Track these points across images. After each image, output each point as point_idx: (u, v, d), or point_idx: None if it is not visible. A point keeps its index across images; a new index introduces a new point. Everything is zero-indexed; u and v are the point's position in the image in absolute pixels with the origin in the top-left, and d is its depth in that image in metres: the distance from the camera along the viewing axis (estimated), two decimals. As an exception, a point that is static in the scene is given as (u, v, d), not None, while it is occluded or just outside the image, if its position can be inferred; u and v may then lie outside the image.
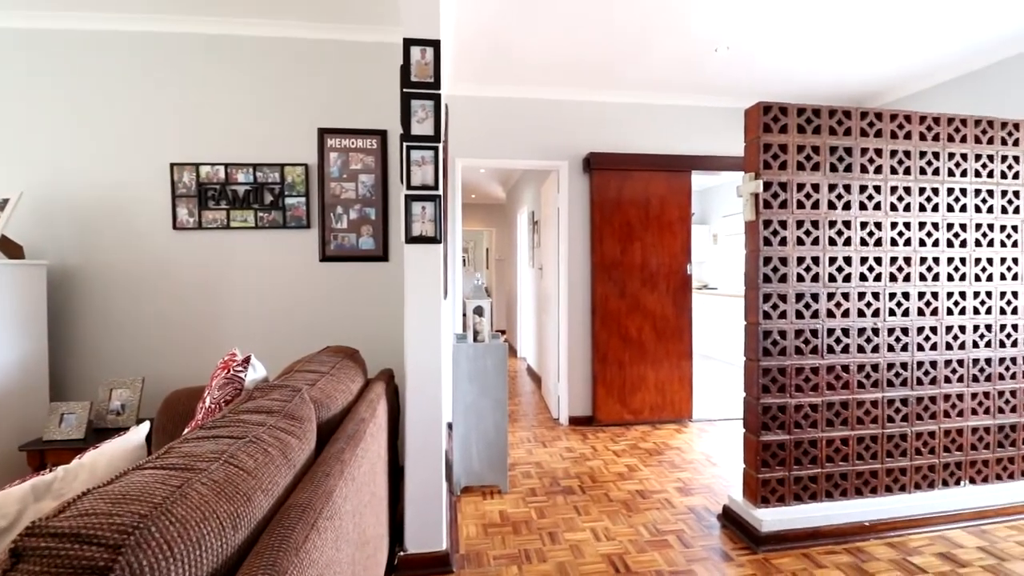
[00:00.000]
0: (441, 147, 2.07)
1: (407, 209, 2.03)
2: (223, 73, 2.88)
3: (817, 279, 2.36)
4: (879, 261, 2.42)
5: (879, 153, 2.40)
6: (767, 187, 2.30)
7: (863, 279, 2.41)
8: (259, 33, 2.89)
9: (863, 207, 2.40)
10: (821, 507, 2.35)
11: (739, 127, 4.29)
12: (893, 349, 2.44)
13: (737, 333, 6.18)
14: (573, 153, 4.10)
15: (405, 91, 2.02)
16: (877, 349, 2.42)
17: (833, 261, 2.38)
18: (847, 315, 2.40)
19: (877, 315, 2.42)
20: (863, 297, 2.41)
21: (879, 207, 2.42)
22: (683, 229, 4.15)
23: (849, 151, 2.37)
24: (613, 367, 4.06)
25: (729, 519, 2.46)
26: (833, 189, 2.37)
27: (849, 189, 2.38)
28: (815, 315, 2.37)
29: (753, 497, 2.35)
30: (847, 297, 2.39)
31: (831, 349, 2.38)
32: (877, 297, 2.42)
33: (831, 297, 2.38)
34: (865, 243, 2.41)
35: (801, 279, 2.35)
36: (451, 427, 2.92)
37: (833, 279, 2.38)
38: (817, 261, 2.36)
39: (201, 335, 2.88)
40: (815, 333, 2.36)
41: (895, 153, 2.42)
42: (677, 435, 3.86)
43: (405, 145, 2.02)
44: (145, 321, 2.84)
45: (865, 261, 2.41)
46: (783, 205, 2.32)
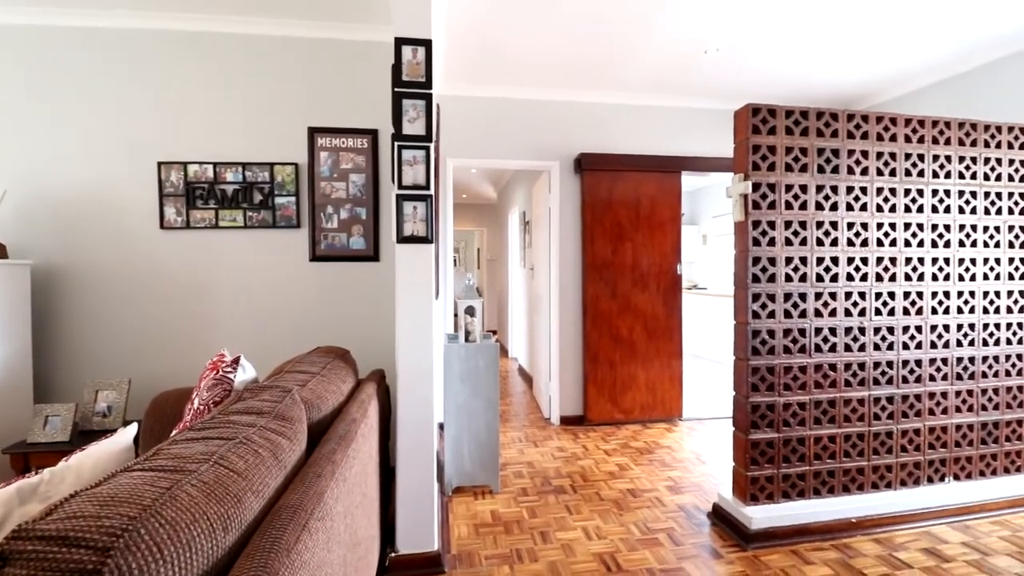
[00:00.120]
0: (432, 147, 2.07)
1: (398, 209, 2.02)
2: (211, 71, 2.85)
3: (805, 279, 2.39)
4: (865, 261, 2.46)
5: (865, 155, 2.44)
6: (756, 188, 2.33)
7: (850, 279, 2.44)
8: (248, 31, 2.87)
9: (850, 208, 2.43)
10: (809, 504, 2.38)
11: (728, 128, 4.33)
12: (879, 348, 2.48)
13: (726, 332, 6.22)
14: (564, 153, 4.11)
15: (396, 90, 2.01)
16: (863, 348, 2.46)
17: (820, 261, 2.41)
18: (834, 314, 2.43)
19: (863, 315, 2.46)
20: (850, 297, 2.44)
21: (865, 208, 2.45)
22: (673, 229, 4.18)
23: (836, 153, 2.41)
24: (604, 367, 4.08)
25: (719, 517, 2.48)
26: (820, 190, 2.40)
27: (836, 190, 2.41)
28: (803, 315, 2.39)
29: (742, 495, 2.37)
30: (834, 297, 2.43)
31: (818, 348, 2.41)
32: (863, 297, 2.46)
33: (818, 297, 2.41)
34: (852, 243, 2.44)
35: (789, 279, 2.38)
36: (442, 427, 2.92)
37: (820, 279, 2.41)
38: (805, 261, 2.39)
39: (189, 336, 2.85)
40: (803, 332, 2.39)
41: (881, 155, 2.46)
42: (667, 434, 3.89)
43: (396, 144, 2.01)
44: (132, 322, 2.81)
45: (852, 261, 2.44)
46: (772, 206, 2.35)
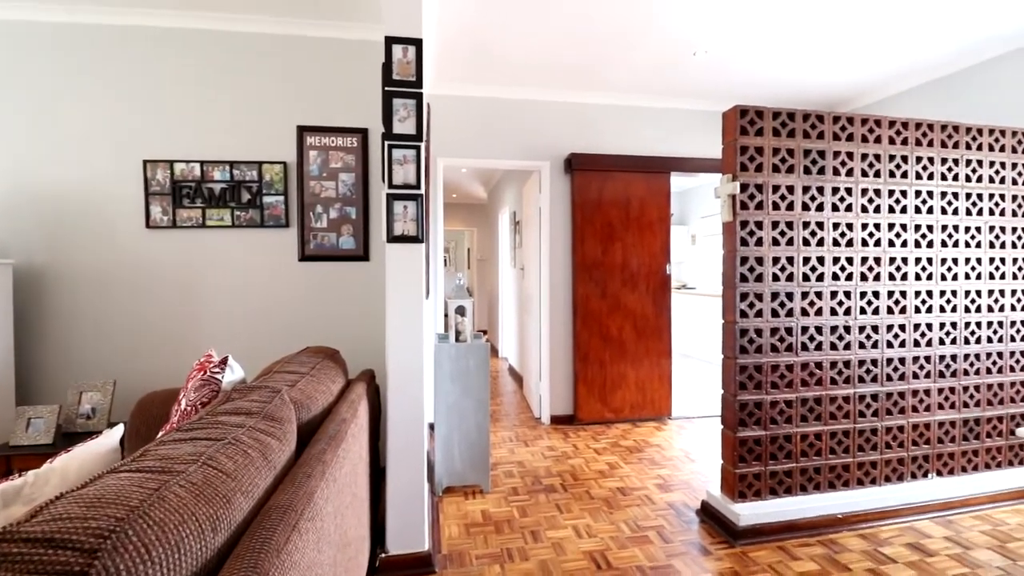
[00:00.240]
0: (423, 146, 2.06)
1: (389, 208, 2.02)
2: (197, 68, 2.82)
3: (792, 278, 2.42)
4: (850, 261, 2.50)
5: (850, 156, 2.48)
6: (744, 189, 2.35)
7: (835, 278, 2.48)
8: (236, 28, 2.84)
9: (835, 208, 2.47)
10: (796, 501, 2.41)
11: (717, 130, 4.37)
12: (864, 346, 2.52)
13: (715, 332, 6.28)
14: (555, 153, 4.12)
15: (387, 89, 2.01)
16: (849, 346, 2.49)
17: (807, 261, 2.44)
18: (820, 313, 2.46)
19: (848, 313, 2.50)
20: (835, 296, 2.48)
21: (850, 208, 2.49)
22: (662, 230, 4.21)
23: (822, 154, 2.44)
24: (594, 366, 4.09)
25: (707, 514, 2.50)
26: (807, 191, 2.43)
27: (822, 191, 2.45)
28: (790, 313, 2.43)
29: (731, 492, 2.40)
30: (820, 296, 2.46)
31: (805, 347, 2.44)
32: (848, 296, 2.50)
33: (805, 296, 2.44)
34: (837, 243, 2.48)
35: (776, 278, 2.41)
36: (433, 427, 2.91)
37: (807, 278, 2.44)
38: (792, 261, 2.42)
39: (176, 336, 2.82)
40: (790, 331, 2.42)
41: (866, 156, 2.50)
42: (657, 433, 3.92)
43: (387, 144, 2.01)
44: (117, 322, 2.77)
45: (837, 261, 2.48)
46: (759, 206, 2.38)
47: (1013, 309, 2.72)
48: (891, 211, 2.54)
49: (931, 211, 2.59)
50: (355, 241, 2.93)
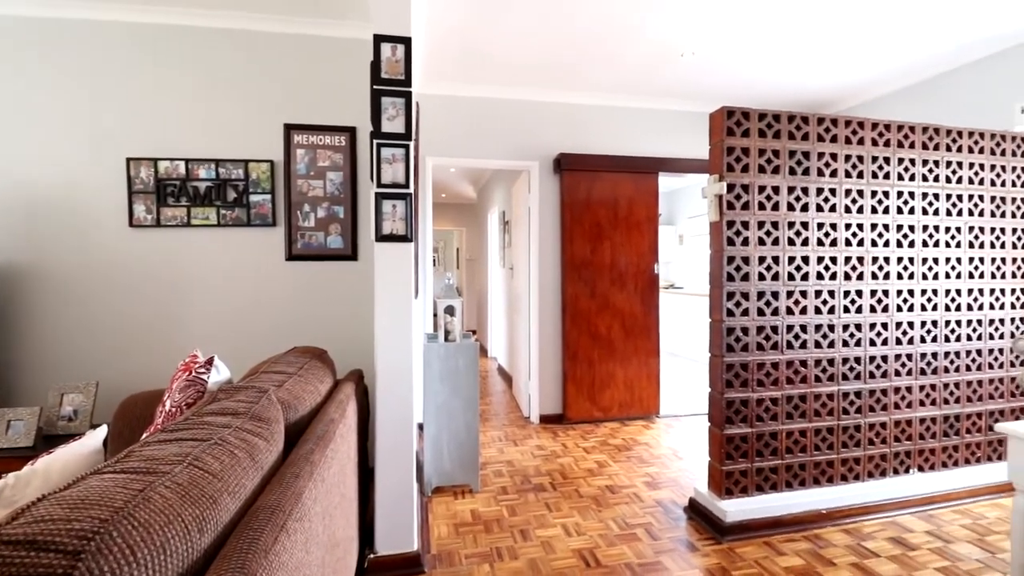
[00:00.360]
0: (412, 145, 2.06)
1: (377, 207, 2.01)
2: (183, 65, 2.79)
3: (777, 278, 2.46)
4: (834, 260, 2.54)
5: (834, 157, 2.51)
6: (730, 189, 2.38)
7: (819, 278, 2.52)
8: (223, 25, 2.81)
9: (819, 209, 2.51)
10: (781, 497, 2.44)
11: (704, 131, 4.41)
12: (847, 344, 2.56)
13: (702, 331, 6.34)
14: (544, 153, 4.13)
15: (375, 88, 2.00)
16: (833, 345, 2.53)
17: (792, 260, 2.47)
18: (805, 312, 2.50)
19: (832, 312, 2.53)
20: (820, 295, 2.52)
21: (834, 209, 2.53)
22: (650, 229, 4.24)
23: (807, 155, 2.48)
24: (583, 365, 4.11)
25: (695, 511, 2.53)
26: (792, 191, 2.46)
27: (807, 191, 2.48)
28: (775, 312, 2.46)
29: (718, 489, 2.43)
30: (805, 295, 2.49)
31: (790, 345, 2.48)
32: (832, 295, 2.53)
33: (790, 295, 2.48)
34: (821, 243, 2.52)
35: (762, 278, 2.44)
36: (422, 428, 2.91)
37: (792, 278, 2.48)
38: (777, 260, 2.45)
39: (160, 337, 2.78)
40: (775, 330, 2.46)
41: (849, 157, 2.54)
42: (645, 431, 3.94)
43: (375, 143, 2.00)
44: (99, 322, 2.72)
45: (821, 260, 2.52)
46: (745, 206, 2.41)
47: (991, 308, 2.78)
48: (874, 211, 2.59)
49: (912, 211, 2.64)
50: (343, 240, 2.92)
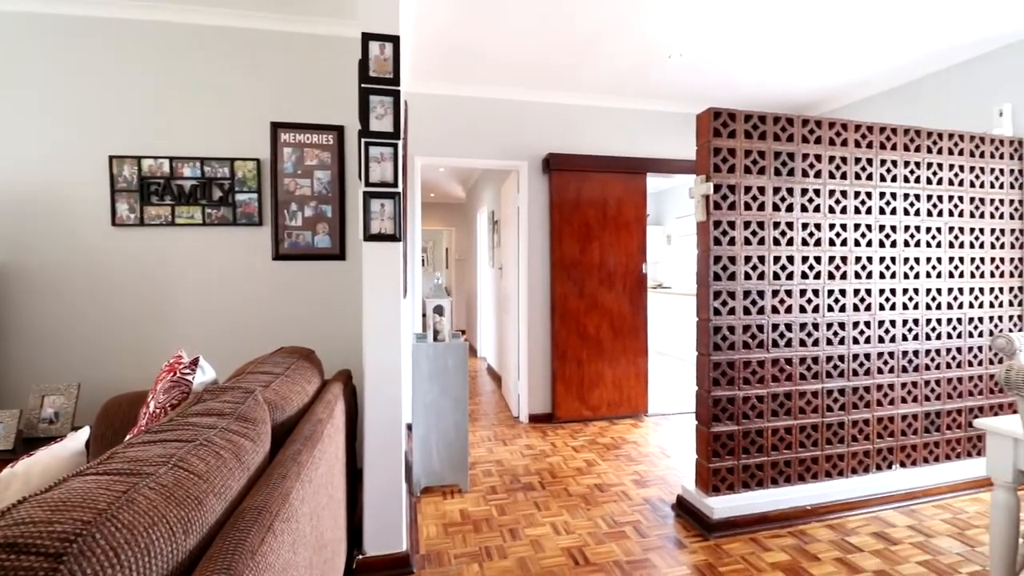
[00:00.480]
0: (400, 144, 2.05)
1: (365, 206, 2.00)
2: (167, 62, 2.75)
3: (763, 277, 2.49)
4: (819, 260, 2.57)
5: (819, 158, 2.55)
6: (717, 189, 2.40)
7: (804, 277, 2.55)
8: (208, 21, 2.77)
9: (804, 209, 2.54)
10: (767, 493, 2.47)
11: (691, 131, 4.45)
12: (831, 343, 2.60)
13: (689, 330, 6.40)
14: (533, 153, 4.13)
15: (363, 86, 1.99)
16: (817, 343, 2.57)
17: (777, 260, 2.51)
18: (790, 311, 2.53)
19: (817, 311, 2.57)
20: (804, 294, 2.55)
21: (818, 209, 2.56)
22: (639, 230, 4.26)
23: (792, 156, 2.51)
24: (572, 365, 4.13)
25: (683, 508, 2.55)
26: (777, 192, 2.49)
27: (791, 192, 2.52)
28: (761, 311, 2.49)
29: (705, 486, 2.45)
30: (790, 294, 2.53)
31: (775, 343, 2.51)
32: (817, 294, 2.57)
33: (775, 294, 2.51)
34: (806, 243, 2.55)
35: (748, 277, 2.46)
36: (410, 428, 2.90)
37: (777, 277, 2.51)
38: (763, 260, 2.48)
39: (144, 338, 2.74)
40: (761, 328, 2.49)
41: (833, 159, 2.57)
42: (634, 430, 3.97)
43: (363, 141, 1.99)
44: (81, 323, 2.68)
45: (806, 260, 2.55)
46: (732, 207, 2.43)
47: (971, 306, 2.84)
48: (857, 212, 2.63)
49: (894, 212, 2.69)
50: (331, 240, 2.89)
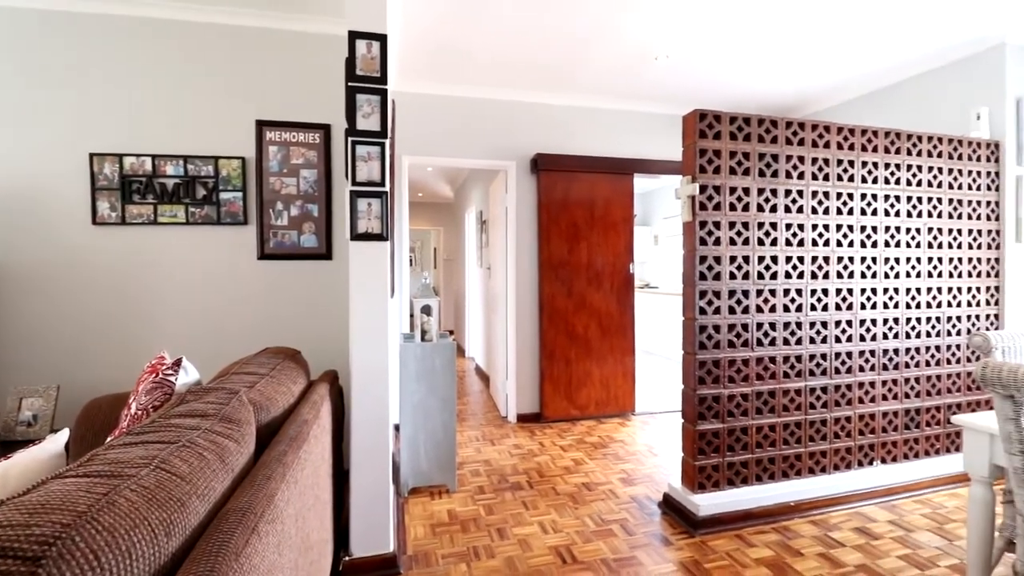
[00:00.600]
0: (388, 143, 2.04)
1: (352, 205, 1.98)
2: (150, 58, 2.70)
3: (748, 277, 2.52)
4: (801, 260, 2.61)
5: (802, 160, 2.59)
6: (703, 190, 2.43)
7: (788, 277, 2.59)
8: (192, 18, 2.73)
9: (787, 210, 2.58)
10: (752, 490, 2.50)
11: (678, 133, 4.49)
12: (814, 341, 2.64)
13: (676, 329, 6.45)
14: (521, 153, 4.14)
15: (350, 85, 1.97)
16: (800, 342, 2.61)
17: (761, 260, 2.54)
18: (774, 310, 2.57)
19: (800, 310, 2.61)
20: (788, 293, 2.59)
21: (802, 210, 2.60)
22: (626, 230, 4.29)
23: (776, 158, 2.54)
24: (560, 364, 4.14)
25: (669, 506, 2.57)
26: (761, 193, 2.53)
27: (775, 193, 2.55)
28: (746, 310, 2.52)
29: (691, 484, 2.47)
30: (774, 293, 2.56)
31: (760, 342, 2.54)
32: (800, 293, 2.61)
33: (760, 294, 2.54)
34: (789, 243, 2.59)
35: (733, 277, 2.49)
36: (398, 428, 2.88)
37: (761, 277, 2.54)
38: (748, 260, 2.52)
39: (125, 339, 2.69)
40: (746, 327, 2.52)
41: (815, 160, 2.62)
42: (621, 428, 3.99)
43: (350, 140, 1.98)
44: (60, 324, 2.62)
45: (789, 260, 2.59)
46: (717, 207, 2.46)
47: (949, 305, 2.91)
48: (839, 213, 2.67)
49: (875, 213, 2.74)
50: (317, 239, 2.87)
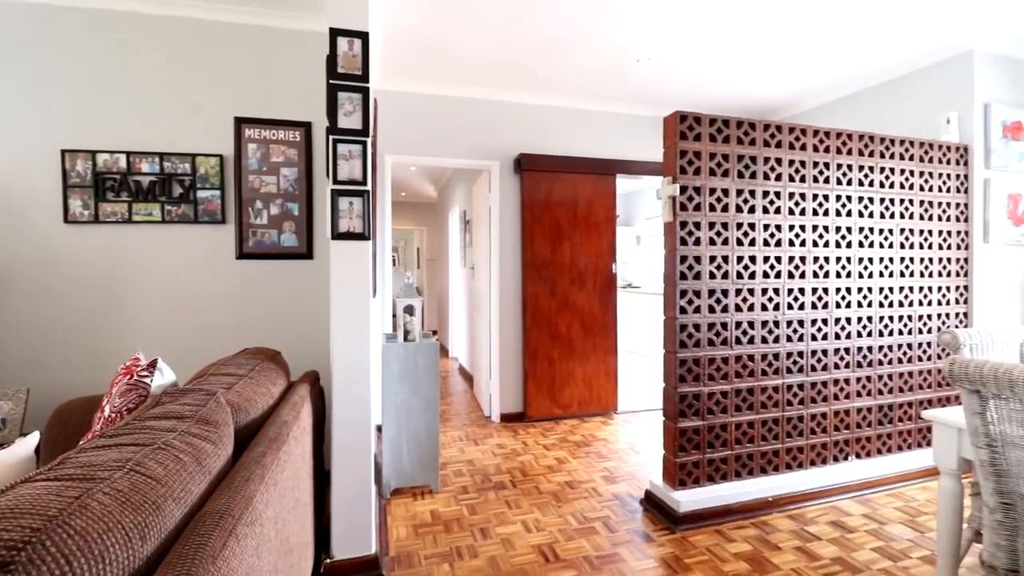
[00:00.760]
0: (370, 142, 2.03)
1: (333, 204, 1.97)
2: (124, 52, 2.64)
3: (727, 276, 2.56)
4: (779, 260, 2.66)
5: (779, 162, 2.64)
6: (683, 191, 2.46)
7: (765, 276, 2.64)
8: (169, 12, 2.68)
9: (765, 211, 2.63)
10: (731, 486, 2.54)
11: (659, 134, 4.54)
12: (791, 340, 2.69)
13: (657, 328, 6.52)
14: (504, 153, 4.14)
15: (331, 83, 1.96)
16: (777, 340, 2.66)
17: (740, 260, 2.58)
18: (752, 309, 2.61)
19: (778, 309, 2.66)
20: (765, 292, 2.64)
21: (779, 211, 2.66)
22: (609, 230, 4.32)
23: (754, 159, 2.59)
24: (543, 364, 4.15)
25: (651, 503, 2.60)
26: (740, 194, 2.57)
27: (754, 194, 2.60)
28: (725, 309, 2.56)
29: (672, 480, 2.51)
30: (752, 293, 2.61)
31: (739, 340, 2.59)
32: (777, 292, 2.66)
33: (739, 293, 2.58)
34: (767, 244, 2.64)
35: (713, 276, 2.53)
36: (380, 429, 2.86)
37: (740, 276, 2.59)
38: (727, 260, 2.56)
39: (98, 340, 2.63)
40: (725, 326, 2.56)
41: (792, 162, 2.67)
42: (603, 427, 4.02)
43: (331, 138, 1.96)
44: (31, 325, 2.55)
45: (767, 260, 2.64)
46: (697, 208, 2.49)
47: (920, 304, 2.99)
48: (815, 213, 2.73)
49: (850, 214, 2.81)
50: (298, 238, 2.84)
